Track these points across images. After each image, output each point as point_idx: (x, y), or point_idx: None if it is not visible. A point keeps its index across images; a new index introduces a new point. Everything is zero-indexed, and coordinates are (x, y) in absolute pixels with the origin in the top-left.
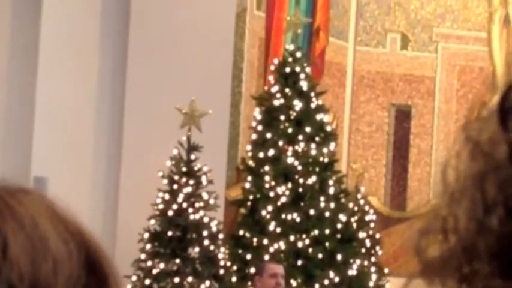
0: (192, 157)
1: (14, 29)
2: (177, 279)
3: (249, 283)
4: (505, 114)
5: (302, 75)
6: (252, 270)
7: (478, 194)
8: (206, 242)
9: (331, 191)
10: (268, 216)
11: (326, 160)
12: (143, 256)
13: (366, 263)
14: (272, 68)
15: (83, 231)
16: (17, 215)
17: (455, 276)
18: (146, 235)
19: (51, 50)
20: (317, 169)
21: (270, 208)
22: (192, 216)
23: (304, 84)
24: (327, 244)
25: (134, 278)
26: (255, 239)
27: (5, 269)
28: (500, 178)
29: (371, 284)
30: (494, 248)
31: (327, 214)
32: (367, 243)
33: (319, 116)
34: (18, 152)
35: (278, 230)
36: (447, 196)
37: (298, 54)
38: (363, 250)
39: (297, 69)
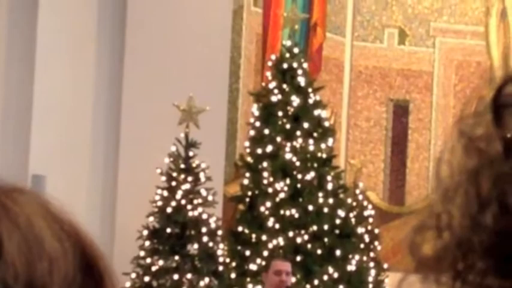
0: (190, 154)
1: (11, 28)
2: (176, 276)
3: (248, 279)
4: (499, 110)
5: (299, 71)
6: (252, 266)
7: (472, 190)
8: (205, 239)
9: (330, 186)
10: (266, 212)
11: (324, 156)
12: (142, 253)
13: (364, 258)
14: (269, 64)
15: (78, 231)
16: (12, 215)
17: (450, 273)
18: (145, 232)
19: (48, 47)
20: (315, 165)
21: (268, 204)
22: (190, 213)
23: (301, 80)
24: (325, 240)
25: (133, 275)
26: (253, 235)
27: (0, 269)
28: (494, 174)
29: (370, 279)
30: (489, 244)
31: (325, 210)
32: (366, 238)
33: (317, 112)
34: (16, 150)
35: (277, 226)
36: (441, 192)
37: (296, 50)
38: (362, 245)
39: (295, 65)
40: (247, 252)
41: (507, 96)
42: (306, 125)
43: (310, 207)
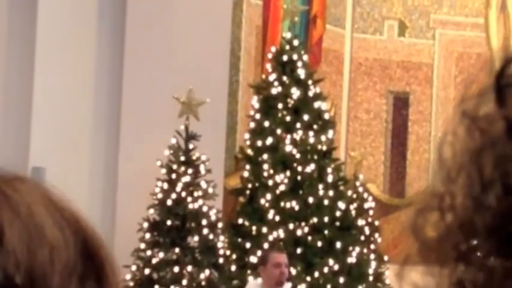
0: (190, 146)
1: (11, 26)
2: (176, 269)
3: (249, 271)
4: (502, 90)
5: (299, 63)
6: (252, 258)
7: (475, 170)
8: (205, 231)
9: (330, 178)
10: (267, 205)
11: (324, 148)
12: (142, 245)
13: (365, 250)
14: (269, 56)
15: (79, 219)
16: (12, 203)
17: (453, 255)
18: (145, 225)
19: (48, 39)
20: (315, 157)
21: (268, 196)
22: (191, 205)
23: (301, 72)
24: (326, 232)
25: (134, 267)
26: (254, 228)
27: (1, 257)
28: (497, 154)
29: (370, 271)
30: (492, 225)
31: (325, 202)
32: (366, 230)
33: (317, 104)
34: (16, 142)
35: (277, 218)
36: (443, 173)
37: (296, 42)
38: (362, 238)
39: (295, 57)
40: (248, 245)
41: (510, 76)
42: (306, 117)
43: (311, 200)
